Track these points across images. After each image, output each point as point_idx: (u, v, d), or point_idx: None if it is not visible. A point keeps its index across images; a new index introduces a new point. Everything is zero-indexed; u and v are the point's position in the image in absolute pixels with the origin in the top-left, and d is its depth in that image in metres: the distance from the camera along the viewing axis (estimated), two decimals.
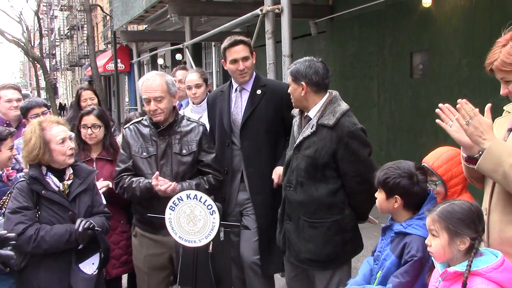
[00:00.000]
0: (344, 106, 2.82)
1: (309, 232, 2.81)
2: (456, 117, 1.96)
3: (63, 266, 2.70)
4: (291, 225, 2.90)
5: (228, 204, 3.33)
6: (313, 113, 2.83)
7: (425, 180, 2.34)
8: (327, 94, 2.84)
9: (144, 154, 3.05)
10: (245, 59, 3.27)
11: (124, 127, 3.24)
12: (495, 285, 1.79)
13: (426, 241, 2.01)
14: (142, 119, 3.20)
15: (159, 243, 3.09)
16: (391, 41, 7.51)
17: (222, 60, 3.39)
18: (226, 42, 3.30)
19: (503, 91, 1.99)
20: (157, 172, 2.93)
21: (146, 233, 3.13)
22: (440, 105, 2.03)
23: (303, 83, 2.78)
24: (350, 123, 2.75)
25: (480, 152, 1.93)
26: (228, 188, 3.33)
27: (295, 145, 2.86)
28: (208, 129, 3.44)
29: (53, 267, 2.70)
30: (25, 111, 3.96)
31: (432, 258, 2.02)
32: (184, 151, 3.07)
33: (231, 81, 3.43)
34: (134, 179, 3.01)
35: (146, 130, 3.11)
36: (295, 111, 3.04)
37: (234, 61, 3.26)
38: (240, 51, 3.26)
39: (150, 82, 3.04)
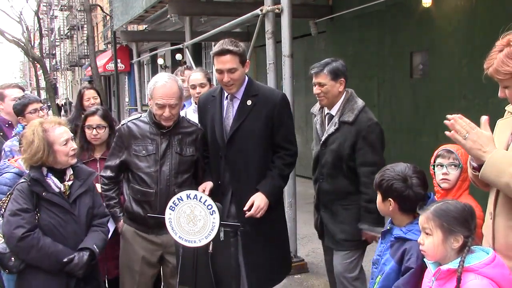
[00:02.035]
0: (360, 103, 3.22)
1: (342, 214, 3.23)
2: (451, 134, 1.94)
3: (62, 269, 2.69)
4: (326, 212, 3.32)
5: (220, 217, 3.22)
6: (334, 111, 3.24)
7: (419, 185, 2.25)
8: (344, 93, 3.26)
9: (144, 152, 3.06)
10: (231, 70, 2.98)
11: (122, 123, 3.20)
12: (488, 280, 1.81)
13: (418, 240, 2.00)
14: (141, 115, 3.19)
15: (152, 243, 3.10)
16: (391, 41, 7.50)
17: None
18: (215, 48, 3.06)
19: (500, 93, 2.00)
20: None
21: (139, 232, 3.11)
22: (452, 117, 1.96)
23: (342, 79, 3.22)
24: (367, 119, 3.16)
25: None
26: (220, 201, 3.17)
27: (321, 142, 3.27)
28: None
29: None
30: (22, 107, 3.82)
31: (425, 259, 2.02)
32: (184, 152, 3.10)
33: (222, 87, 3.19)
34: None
35: (145, 128, 3.10)
36: (315, 109, 3.42)
37: (220, 72, 3.01)
38: (226, 62, 2.97)
39: (167, 89, 2.97)
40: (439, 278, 1.91)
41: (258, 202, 2.98)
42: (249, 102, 3.06)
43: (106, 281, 3.47)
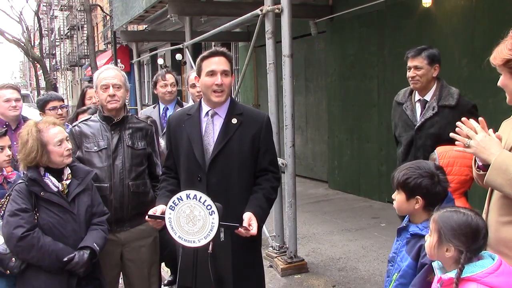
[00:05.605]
0: (455, 88, 3.43)
1: None
2: (457, 143, 2.03)
3: (63, 268, 2.70)
4: None
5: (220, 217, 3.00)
6: (429, 96, 3.42)
7: (446, 180, 2.27)
8: (437, 80, 3.43)
9: (95, 148, 3.10)
10: (225, 73, 2.74)
11: (73, 125, 3.25)
12: None
13: (425, 236, 2.02)
14: (91, 117, 3.25)
15: (111, 241, 3.08)
16: (391, 41, 7.50)
17: (195, 75, 2.92)
18: (205, 53, 2.81)
19: (500, 82, 2.04)
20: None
21: None
22: (458, 124, 2.03)
23: (437, 65, 3.39)
24: (466, 102, 3.38)
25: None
26: None
27: (416, 126, 3.40)
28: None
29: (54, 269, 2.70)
30: (43, 103, 4.06)
31: (433, 263, 2.02)
32: (136, 145, 3.15)
33: (200, 103, 2.89)
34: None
35: (96, 126, 3.16)
36: (400, 97, 3.60)
37: (211, 74, 2.72)
38: (221, 63, 2.73)
39: (109, 71, 3.17)
40: (444, 286, 1.89)
41: (256, 222, 2.63)
42: (234, 121, 2.79)
43: None
